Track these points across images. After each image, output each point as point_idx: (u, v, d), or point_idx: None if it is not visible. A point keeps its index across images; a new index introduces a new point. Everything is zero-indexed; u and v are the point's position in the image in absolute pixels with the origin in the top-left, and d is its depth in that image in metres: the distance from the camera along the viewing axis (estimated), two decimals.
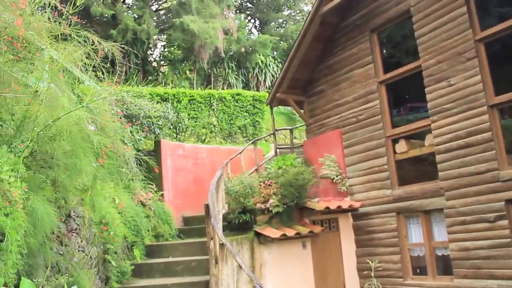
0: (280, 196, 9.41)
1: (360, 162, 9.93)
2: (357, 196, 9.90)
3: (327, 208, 9.26)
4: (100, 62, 5.56)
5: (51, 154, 4.68)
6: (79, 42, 5.49)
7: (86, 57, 5.33)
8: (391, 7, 9.40)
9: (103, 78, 5.88)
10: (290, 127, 14.31)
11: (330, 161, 10.38)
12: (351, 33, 10.38)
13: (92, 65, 5.47)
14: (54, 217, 4.52)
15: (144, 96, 12.10)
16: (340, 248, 9.97)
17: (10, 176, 3.98)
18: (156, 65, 23.68)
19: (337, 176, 10.16)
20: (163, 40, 24.30)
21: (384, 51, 10.06)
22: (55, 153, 4.60)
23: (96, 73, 5.74)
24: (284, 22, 29.93)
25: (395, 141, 9.41)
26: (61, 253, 5.59)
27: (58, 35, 5.51)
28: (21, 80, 5.30)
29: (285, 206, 9.42)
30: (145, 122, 11.00)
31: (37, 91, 4.96)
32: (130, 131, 9.64)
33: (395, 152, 9.39)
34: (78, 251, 6.18)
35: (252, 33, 29.28)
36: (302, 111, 11.66)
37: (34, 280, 4.48)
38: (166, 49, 25.25)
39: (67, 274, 5.27)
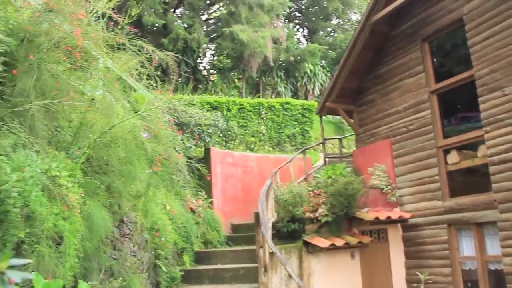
0: (329, 205, 9.32)
1: (410, 173, 9.70)
2: (407, 207, 9.67)
3: (377, 218, 9.09)
4: (153, 71, 5.68)
5: (106, 160, 4.80)
6: (134, 52, 5.63)
7: (141, 66, 5.45)
8: (443, 15, 9.16)
9: (156, 86, 5.99)
10: (339, 137, 14.16)
11: (379, 171, 10.20)
12: (401, 42, 10.19)
13: (146, 73, 5.59)
14: (109, 222, 4.62)
15: (194, 104, 12.26)
16: (389, 259, 9.75)
17: (68, 182, 4.09)
18: (206, 74, 23.98)
19: (386, 186, 9.97)
20: (212, 49, 24.61)
21: (435, 60, 9.81)
22: (110, 159, 4.71)
23: (149, 81, 5.86)
24: (333, 31, 29.74)
25: (446, 152, 9.13)
26: (114, 257, 5.71)
27: (114, 44, 5.66)
28: (78, 88, 5.46)
29: (334, 215, 9.32)
30: (196, 130, 11.14)
31: (93, 99, 5.10)
32: (181, 139, 9.77)
33: (446, 163, 9.11)
34: (130, 255, 6.30)
35: (300, 42, 29.24)
36: (351, 120, 11.52)
37: (89, 283, 4.59)
38: (215, 58, 25.55)
39: (120, 278, 5.36)
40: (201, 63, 24.06)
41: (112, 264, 5.44)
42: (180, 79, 19.21)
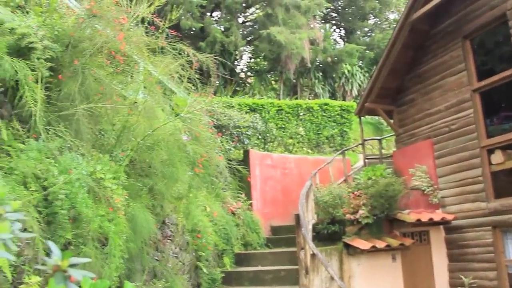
0: (369, 207, 9.19)
1: (452, 173, 9.46)
2: (450, 209, 9.43)
3: (418, 220, 8.91)
4: (192, 74, 5.73)
5: (149, 163, 4.86)
6: (174, 55, 5.69)
7: (181, 69, 5.51)
8: (484, 12, 8.91)
9: (196, 89, 6.04)
10: (379, 137, 13.96)
11: (421, 172, 9.99)
12: (442, 40, 9.96)
13: (186, 76, 5.65)
14: (152, 224, 4.68)
15: (233, 106, 12.31)
16: (431, 262, 9.53)
17: (112, 184, 4.17)
18: (243, 76, 24.06)
19: (428, 188, 9.75)
20: (249, 51, 24.67)
21: (477, 57, 9.54)
22: (153, 161, 4.78)
23: (189, 84, 5.91)
24: (370, 31, 29.37)
25: (490, 152, 8.86)
26: (157, 258, 5.78)
27: (155, 48, 5.74)
28: (120, 92, 5.56)
29: (374, 217, 9.19)
30: (235, 132, 11.19)
31: (135, 102, 5.18)
32: (220, 141, 9.83)
33: (490, 163, 8.84)
34: (172, 257, 6.36)
35: (338, 42, 28.99)
36: (391, 120, 11.34)
37: (133, 284, 4.65)
38: (252, 60, 25.61)
39: (163, 279, 5.42)
40: (238, 65, 24.17)
41: (154, 265, 5.51)
42: (218, 82, 19.33)
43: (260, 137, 13.68)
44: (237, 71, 23.18)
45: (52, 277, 0.96)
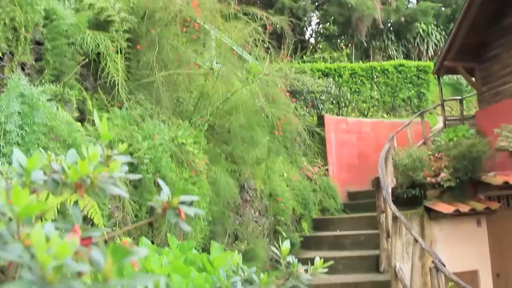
0: (452, 169, 8.85)
1: None
2: None
3: (506, 182, 8.49)
4: (265, 40, 5.70)
5: (228, 127, 4.91)
6: (246, 21, 5.68)
7: (255, 33, 5.48)
8: None
9: (269, 55, 6.01)
10: (459, 97, 13.34)
11: (507, 132, 9.44)
12: None
13: (260, 40, 5.62)
14: (234, 187, 4.76)
15: (305, 72, 12.18)
16: None
17: (194, 148, 4.26)
18: (314, 42, 23.69)
19: None
20: (318, 16, 24.18)
21: None
22: (232, 126, 4.82)
23: (261, 52, 5.89)
24: None
25: None
26: (238, 222, 5.89)
27: (228, 14, 5.75)
28: (195, 60, 5.64)
29: (457, 180, 8.84)
30: (309, 98, 11.08)
31: (212, 68, 5.23)
32: (295, 107, 9.77)
33: None
34: (252, 221, 6.47)
35: (411, 1, 27.80)
36: (473, 79, 10.77)
37: None
38: (320, 25, 25.10)
39: (245, 242, 5.53)
40: (307, 31, 23.81)
41: (236, 228, 5.62)
42: (290, 46, 19.17)
43: (334, 102, 13.47)
44: (307, 37, 22.85)
45: (163, 216, 0.98)
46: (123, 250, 0.61)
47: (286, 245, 1.81)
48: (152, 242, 3.45)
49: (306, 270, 1.76)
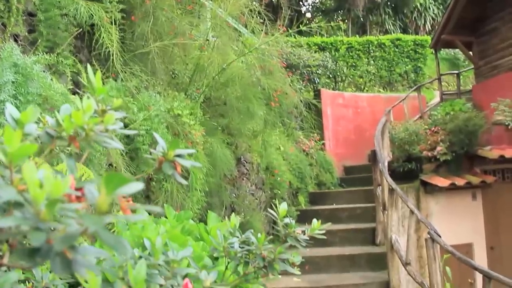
0: (448, 143, 8.84)
1: None
2: None
3: (501, 156, 8.48)
4: (260, 12, 5.64)
5: (224, 99, 4.88)
6: None
7: (252, 4, 5.42)
8: None
9: (263, 26, 5.95)
10: (456, 71, 13.29)
11: (504, 106, 9.42)
12: None
13: (256, 11, 5.56)
14: (230, 159, 4.75)
15: (301, 46, 12.07)
16: None
17: (190, 120, 4.23)
18: (310, 16, 23.44)
19: None
20: None
21: None
22: (228, 97, 4.79)
23: (256, 25, 5.83)
24: None
25: None
26: (234, 195, 5.90)
27: None
28: (190, 31, 5.57)
29: (453, 154, 8.84)
30: (305, 72, 11.00)
31: (207, 39, 5.18)
32: (291, 80, 9.73)
33: None
34: (249, 194, 6.48)
35: None
36: (470, 53, 10.71)
37: None
38: (317, 0, 24.82)
39: (242, 215, 5.55)
40: (304, 6, 23.55)
41: (233, 201, 5.63)
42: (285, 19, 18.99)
43: (330, 76, 13.40)
44: (303, 11, 22.61)
45: (159, 170, 0.97)
46: (117, 178, 0.59)
47: (283, 207, 1.82)
48: (149, 214, 3.46)
49: (304, 232, 1.76)
